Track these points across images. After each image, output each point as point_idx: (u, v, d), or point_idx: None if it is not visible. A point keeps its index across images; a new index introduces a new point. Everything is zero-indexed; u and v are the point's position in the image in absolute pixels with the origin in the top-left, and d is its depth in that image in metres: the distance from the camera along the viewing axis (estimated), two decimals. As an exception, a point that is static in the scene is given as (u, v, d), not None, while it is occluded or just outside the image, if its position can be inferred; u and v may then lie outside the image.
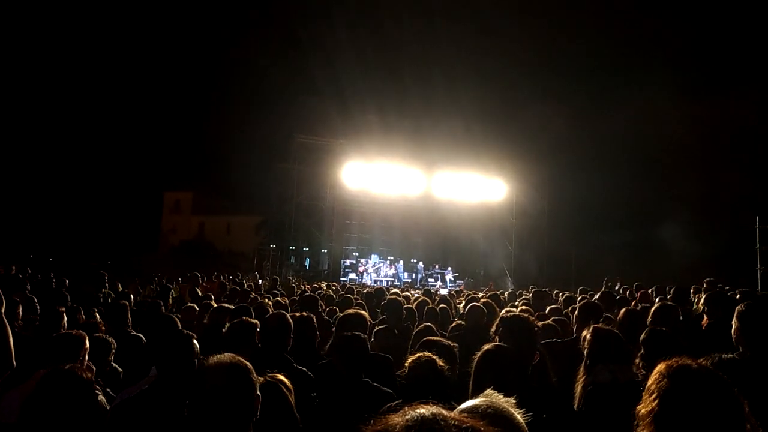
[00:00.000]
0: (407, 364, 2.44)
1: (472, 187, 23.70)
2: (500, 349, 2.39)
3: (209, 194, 46.31)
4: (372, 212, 25.04)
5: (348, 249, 24.64)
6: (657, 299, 6.70)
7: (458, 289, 17.53)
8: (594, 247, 22.15)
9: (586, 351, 2.79)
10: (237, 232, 43.85)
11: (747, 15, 24.42)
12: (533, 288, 9.11)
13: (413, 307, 5.56)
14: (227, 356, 1.74)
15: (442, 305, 5.97)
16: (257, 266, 24.35)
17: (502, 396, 1.29)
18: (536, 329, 3.20)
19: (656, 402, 1.56)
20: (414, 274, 23.18)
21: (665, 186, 23.00)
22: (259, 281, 14.88)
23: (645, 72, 27.17)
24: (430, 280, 22.03)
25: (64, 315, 4.03)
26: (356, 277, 21.95)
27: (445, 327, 5.02)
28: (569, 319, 4.75)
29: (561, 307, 5.74)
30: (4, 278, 7.61)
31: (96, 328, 3.92)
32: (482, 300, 5.74)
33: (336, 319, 4.41)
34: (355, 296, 7.38)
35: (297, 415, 2.35)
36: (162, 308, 5.60)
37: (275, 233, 25.91)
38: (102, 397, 2.17)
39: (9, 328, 2.79)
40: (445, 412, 0.86)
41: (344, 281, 19.82)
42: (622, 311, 3.87)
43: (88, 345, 3.01)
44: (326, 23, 41.09)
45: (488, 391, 1.33)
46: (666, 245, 19.50)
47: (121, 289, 8.11)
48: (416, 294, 8.88)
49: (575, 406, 2.65)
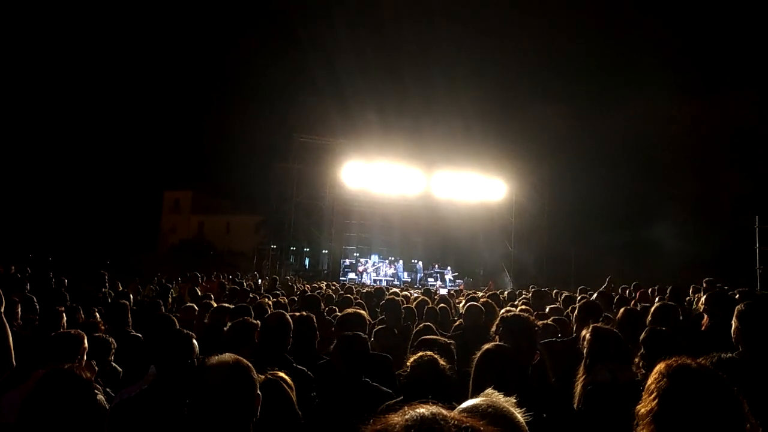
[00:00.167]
0: (409, 363, 2.44)
1: (472, 187, 23.71)
2: (500, 349, 2.39)
3: (209, 193, 46.32)
4: (372, 212, 25.04)
5: (348, 248, 24.65)
6: (657, 299, 6.71)
7: (458, 289, 17.54)
8: (593, 247, 22.15)
9: (586, 350, 2.79)
10: (237, 232, 43.81)
11: (747, 15, 24.45)
12: (533, 287, 9.10)
13: (413, 307, 5.55)
14: (228, 356, 1.75)
15: (442, 305, 5.96)
16: (257, 266, 24.36)
17: (503, 395, 1.29)
18: (536, 329, 3.20)
19: (656, 402, 1.56)
20: (413, 274, 23.18)
21: (665, 186, 23.00)
22: (259, 281, 14.87)
23: (644, 72, 27.20)
24: (430, 280, 22.02)
25: (64, 315, 4.03)
26: (356, 277, 21.93)
27: (445, 326, 5.02)
28: (569, 319, 4.76)
29: (561, 307, 5.74)
30: (4, 278, 7.61)
31: (95, 328, 3.91)
32: (482, 300, 5.74)
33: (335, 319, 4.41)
34: (355, 296, 7.37)
35: (299, 412, 2.35)
36: (162, 308, 5.59)
37: (275, 233, 25.90)
38: (101, 397, 2.17)
39: (8, 328, 2.79)
40: (445, 412, 0.85)
41: (344, 281, 19.82)
42: (621, 311, 3.86)
43: (87, 344, 3.00)
44: (326, 23, 41.15)
45: (488, 391, 1.33)
46: (665, 245, 19.51)
47: (121, 289, 8.10)
48: (415, 294, 8.87)
49: (575, 406, 2.65)
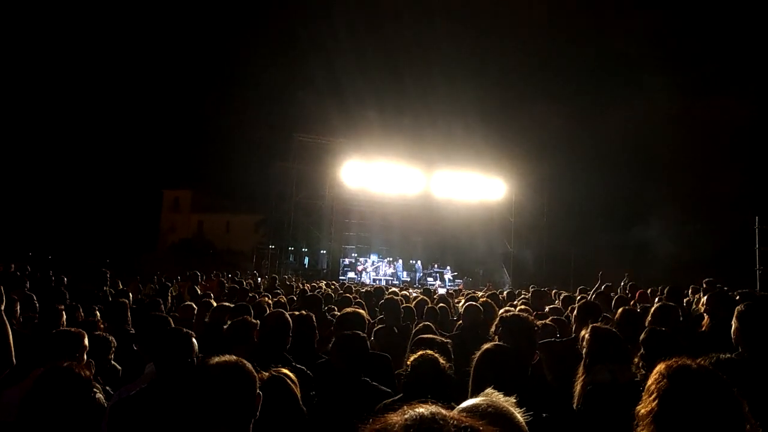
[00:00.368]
0: (409, 363, 2.44)
1: (471, 187, 23.69)
2: (500, 349, 2.39)
3: (208, 193, 46.28)
4: (371, 211, 25.02)
5: (347, 248, 24.63)
6: (656, 299, 6.71)
7: (457, 288, 17.53)
8: (593, 247, 22.13)
9: (585, 351, 2.78)
10: (236, 231, 43.80)
11: (746, 15, 24.44)
12: (533, 287, 9.08)
13: (412, 306, 5.55)
14: (228, 357, 1.75)
15: (441, 304, 5.96)
16: (256, 265, 24.37)
17: (502, 395, 1.29)
18: (535, 329, 3.20)
19: (656, 402, 1.56)
20: (413, 273, 23.18)
21: (664, 186, 23.00)
22: (258, 280, 14.87)
23: (644, 72, 27.18)
24: (429, 279, 22.01)
25: (63, 313, 4.02)
26: (355, 276, 21.92)
27: (445, 326, 5.01)
28: (568, 320, 4.75)
29: (560, 307, 5.74)
30: (3, 276, 7.60)
31: (95, 326, 3.90)
32: (481, 299, 5.73)
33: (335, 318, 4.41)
34: (354, 295, 7.37)
35: (303, 408, 2.35)
36: (161, 306, 5.59)
37: (274, 232, 25.88)
38: (100, 395, 2.17)
39: (8, 326, 2.79)
40: (445, 412, 0.85)
41: (343, 280, 19.81)
42: (620, 311, 3.86)
43: (87, 343, 3.00)
44: (326, 23, 41.12)
45: (488, 390, 1.33)
46: (665, 245, 19.51)
47: (121, 287, 8.09)
48: (415, 293, 8.87)
49: (575, 406, 2.65)
